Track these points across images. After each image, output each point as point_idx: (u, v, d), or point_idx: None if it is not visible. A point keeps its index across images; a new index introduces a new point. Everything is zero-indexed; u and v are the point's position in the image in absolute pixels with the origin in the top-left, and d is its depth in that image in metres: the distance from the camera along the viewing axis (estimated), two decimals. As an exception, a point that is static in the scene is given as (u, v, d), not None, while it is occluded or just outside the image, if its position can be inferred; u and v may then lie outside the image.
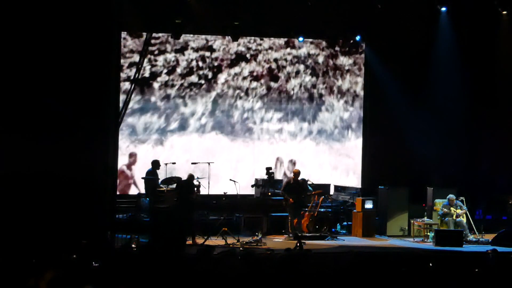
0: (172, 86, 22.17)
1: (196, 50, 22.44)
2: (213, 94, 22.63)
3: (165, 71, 22.06)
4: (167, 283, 9.87)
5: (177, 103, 22.24)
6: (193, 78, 22.43)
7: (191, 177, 18.73)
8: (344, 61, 23.45)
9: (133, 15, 18.47)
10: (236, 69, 22.84)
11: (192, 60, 22.44)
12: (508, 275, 10.77)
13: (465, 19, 21.60)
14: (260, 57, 23.02)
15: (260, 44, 22.98)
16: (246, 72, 22.96)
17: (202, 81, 22.47)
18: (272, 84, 23.16)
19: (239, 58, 22.92)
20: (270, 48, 23.11)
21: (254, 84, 23.04)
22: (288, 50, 23.23)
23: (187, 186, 18.55)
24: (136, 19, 18.92)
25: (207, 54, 22.56)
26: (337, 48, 23.55)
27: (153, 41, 21.48)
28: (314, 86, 23.36)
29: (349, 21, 21.84)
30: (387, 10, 20.74)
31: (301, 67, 23.26)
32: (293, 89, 23.22)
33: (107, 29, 16.56)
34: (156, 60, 22.06)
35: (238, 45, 22.64)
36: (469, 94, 22.14)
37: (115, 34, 17.06)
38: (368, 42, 23.07)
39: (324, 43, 23.35)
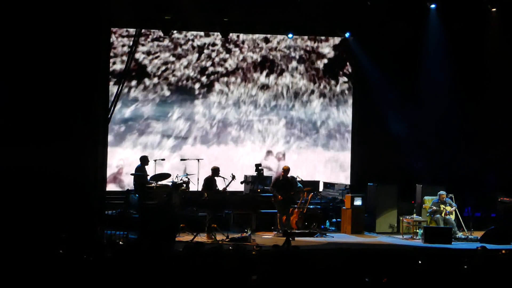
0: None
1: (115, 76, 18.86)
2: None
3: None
4: (155, 280, 9.85)
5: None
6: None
7: (215, 170, 18.80)
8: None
9: (122, 11, 18.39)
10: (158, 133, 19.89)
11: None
12: (497, 272, 10.79)
13: (454, 17, 21.61)
14: (214, 90, 19.85)
15: (225, 61, 20.42)
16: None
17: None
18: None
19: (182, 91, 19.62)
20: (237, 70, 20.18)
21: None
22: (263, 78, 20.69)
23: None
24: (126, 15, 18.82)
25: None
26: (342, 80, 22.19)
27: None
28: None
29: (338, 17, 21.79)
30: (377, 7, 20.71)
31: (281, 125, 21.98)
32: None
33: (97, 26, 16.53)
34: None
35: (187, 65, 20.00)
36: (458, 91, 22.15)
37: (104, 31, 17.04)
38: (357, 39, 23.01)
39: (320, 65, 22.16)
